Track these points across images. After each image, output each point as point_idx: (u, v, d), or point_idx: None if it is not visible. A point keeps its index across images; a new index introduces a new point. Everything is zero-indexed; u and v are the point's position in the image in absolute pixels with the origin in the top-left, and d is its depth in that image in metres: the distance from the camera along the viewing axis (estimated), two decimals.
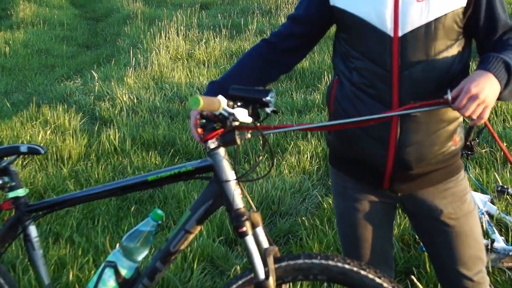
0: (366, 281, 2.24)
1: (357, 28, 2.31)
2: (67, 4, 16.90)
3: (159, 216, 2.42)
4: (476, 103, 1.98)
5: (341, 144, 2.55)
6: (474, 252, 2.51)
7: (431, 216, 2.47)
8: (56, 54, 11.32)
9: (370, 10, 2.26)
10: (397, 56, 2.25)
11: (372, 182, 2.50)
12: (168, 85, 8.06)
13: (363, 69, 2.33)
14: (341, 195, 2.65)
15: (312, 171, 5.40)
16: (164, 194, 5.02)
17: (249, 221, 2.25)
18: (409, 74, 2.25)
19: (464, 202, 2.47)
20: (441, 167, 2.42)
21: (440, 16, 2.19)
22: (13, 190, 2.56)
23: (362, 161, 2.46)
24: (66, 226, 4.45)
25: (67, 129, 6.41)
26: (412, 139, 2.32)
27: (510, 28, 2.25)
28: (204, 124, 2.27)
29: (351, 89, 2.39)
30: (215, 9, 14.12)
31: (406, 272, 3.81)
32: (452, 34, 2.25)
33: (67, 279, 3.74)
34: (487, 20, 2.24)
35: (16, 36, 12.03)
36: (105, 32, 13.35)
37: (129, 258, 2.42)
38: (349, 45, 2.38)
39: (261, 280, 2.23)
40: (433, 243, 2.56)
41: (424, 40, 2.22)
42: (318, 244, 4.06)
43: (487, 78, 2.02)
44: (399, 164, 2.37)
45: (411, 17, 2.20)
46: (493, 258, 3.71)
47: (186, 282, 3.78)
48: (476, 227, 2.51)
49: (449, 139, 2.37)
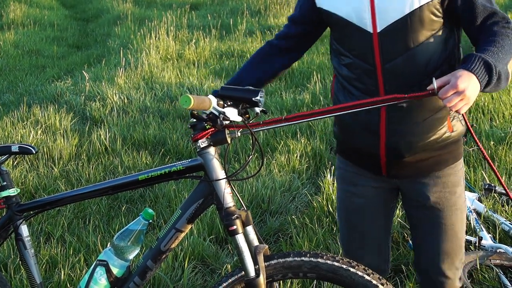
0: (355, 278, 2.24)
1: (342, 27, 2.39)
2: (57, 5, 16.87)
3: (150, 215, 2.42)
4: (459, 97, 2.01)
5: (342, 135, 2.65)
6: (452, 247, 2.57)
7: (419, 203, 2.55)
8: (47, 54, 11.29)
9: (350, 10, 2.33)
10: (378, 50, 2.31)
11: (372, 169, 2.58)
12: (158, 85, 8.06)
13: (351, 65, 2.42)
14: (343, 178, 2.72)
15: (301, 170, 5.41)
16: (155, 193, 5.02)
17: (239, 220, 2.25)
18: (391, 67, 2.32)
19: (453, 194, 2.52)
20: (437, 155, 2.47)
21: (414, 9, 2.23)
22: (4, 190, 2.56)
23: (360, 150, 2.55)
24: (58, 225, 4.44)
25: (58, 129, 6.40)
26: (400, 128, 2.39)
27: (491, 13, 2.25)
28: (194, 124, 2.28)
29: (343, 83, 2.49)
30: (205, 10, 14.15)
31: (395, 269, 3.83)
32: (430, 25, 2.28)
33: (59, 278, 3.73)
34: (465, 8, 2.26)
35: (7, 37, 11.99)
36: (95, 33, 13.33)
37: (121, 257, 2.42)
38: (338, 43, 2.47)
39: (251, 278, 2.24)
40: (418, 231, 2.63)
41: (402, 34, 2.28)
42: (308, 242, 4.07)
43: (471, 78, 2.04)
44: (391, 152, 2.45)
45: (387, 13, 2.26)
46: (481, 256, 3.73)
47: (177, 280, 3.79)
48: (459, 224, 2.56)
49: (441, 126, 2.41)
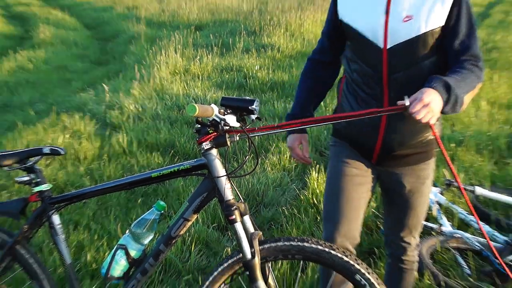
0: (336, 259, 2.26)
1: (357, 39, 2.43)
2: (80, 27, 16.80)
3: (161, 207, 2.44)
4: (426, 110, 2.06)
5: (345, 124, 2.62)
6: (413, 222, 2.73)
7: (397, 190, 2.65)
8: (72, 70, 11.25)
9: (366, 26, 2.38)
10: (386, 63, 2.36)
11: (364, 155, 2.63)
12: (168, 95, 8.03)
13: (361, 71, 2.46)
14: (340, 152, 2.71)
15: (291, 169, 5.42)
16: (166, 188, 5.02)
17: (237, 211, 2.27)
18: (396, 78, 2.37)
19: (423, 184, 2.64)
20: (418, 152, 2.57)
21: (420, 34, 2.29)
22: (38, 185, 2.56)
23: (359, 140, 2.60)
24: (84, 215, 4.44)
25: (83, 133, 6.38)
26: (397, 128, 2.47)
27: (471, 54, 2.31)
28: (199, 129, 2.29)
29: (352, 86, 2.54)
30: (208, 30, 14.08)
31: (369, 252, 3.86)
32: (430, 48, 2.34)
33: (85, 260, 3.74)
34: (451, 39, 2.33)
35: (38, 55, 11.93)
36: (113, 51, 13.27)
37: (137, 242, 2.44)
38: (351, 51, 2.52)
39: (248, 259, 2.26)
40: (391, 209, 2.76)
41: (407, 52, 2.33)
42: (295, 229, 4.09)
43: (434, 93, 2.11)
44: (385, 146, 2.52)
45: (398, 34, 2.32)
46: (441, 240, 3.77)
47: (185, 261, 3.80)
48: (422, 207, 2.71)
49: (427, 130, 2.50)
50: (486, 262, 3.64)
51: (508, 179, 5.01)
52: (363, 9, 2.40)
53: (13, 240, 2.63)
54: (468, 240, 3.71)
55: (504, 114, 6.79)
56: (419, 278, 3.35)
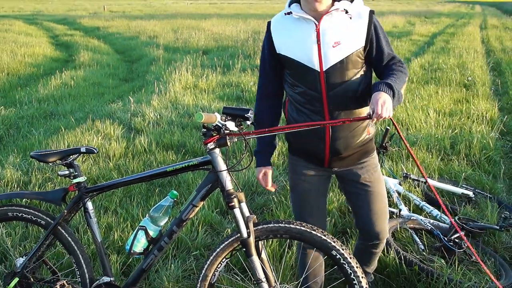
0: (316, 238, 2.25)
1: (296, 67, 2.37)
2: (112, 52, 16.84)
3: (175, 195, 2.42)
4: (385, 108, 2.09)
5: (294, 139, 2.60)
6: (382, 206, 2.62)
7: (354, 180, 2.57)
8: (105, 85, 11.21)
9: (303, 55, 2.33)
10: (323, 83, 2.32)
11: (317, 163, 2.57)
12: (180, 106, 8.02)
13: (303, 93, 2.40)
14: (294, 171, 2.66)
15: (279, 164, 5.40)
16: (178, 180, 4.99)
17: (236, 198, 2.26)
18: (333, 94, 2.33)
19: (375, 171, 2.58)
20: (360, 150, 2.52)
21: (348, 55, 2.29)
22: (76, 178, 2.56)
23: (308, 150, 2.54)
24: (112, 202, 4.41)
25: (112, 136, 6.36)
26: (340, 135, 2.42)
27: (392, 57, 2.38)
28: (205, 132, 2.27)
29: (296, 106, 2.46)
30: (212, 54, 14.19)
31: (342, 232, 3.84)
32: (357, 65, 2.33)
33: (113, 238, 3.72)
34: (377, 53, 2.36)
35: (78, 74, 11.91)
36: (137, 70, 13.26)
37: (155, 224, 2.42)
38: (292, 78, 2.43)
39: (244, 238, 2.25)
40: (357, 199, 2.62)
41: (340, 71, 2.31)
42: (283, 214, 4.06)
43: (384, 94, 2.13)
44: (333, 151, 2.46)
45: (330, 57, 2.29)
46: (400, 222, 3.74)
47: (194, 240, 3.77)
48: (382, 191, 2.62)
49: (364, 132, 2.48)
50: (436, 239, 3.61)
51: (452, 172, 5.00)
52: (297, 43, 2.33)
53: (56, 222, 2.61)
54: (422, 221, 3.68)
55: (447, 120, 6.81)
56: (384, 253, 3.32)
